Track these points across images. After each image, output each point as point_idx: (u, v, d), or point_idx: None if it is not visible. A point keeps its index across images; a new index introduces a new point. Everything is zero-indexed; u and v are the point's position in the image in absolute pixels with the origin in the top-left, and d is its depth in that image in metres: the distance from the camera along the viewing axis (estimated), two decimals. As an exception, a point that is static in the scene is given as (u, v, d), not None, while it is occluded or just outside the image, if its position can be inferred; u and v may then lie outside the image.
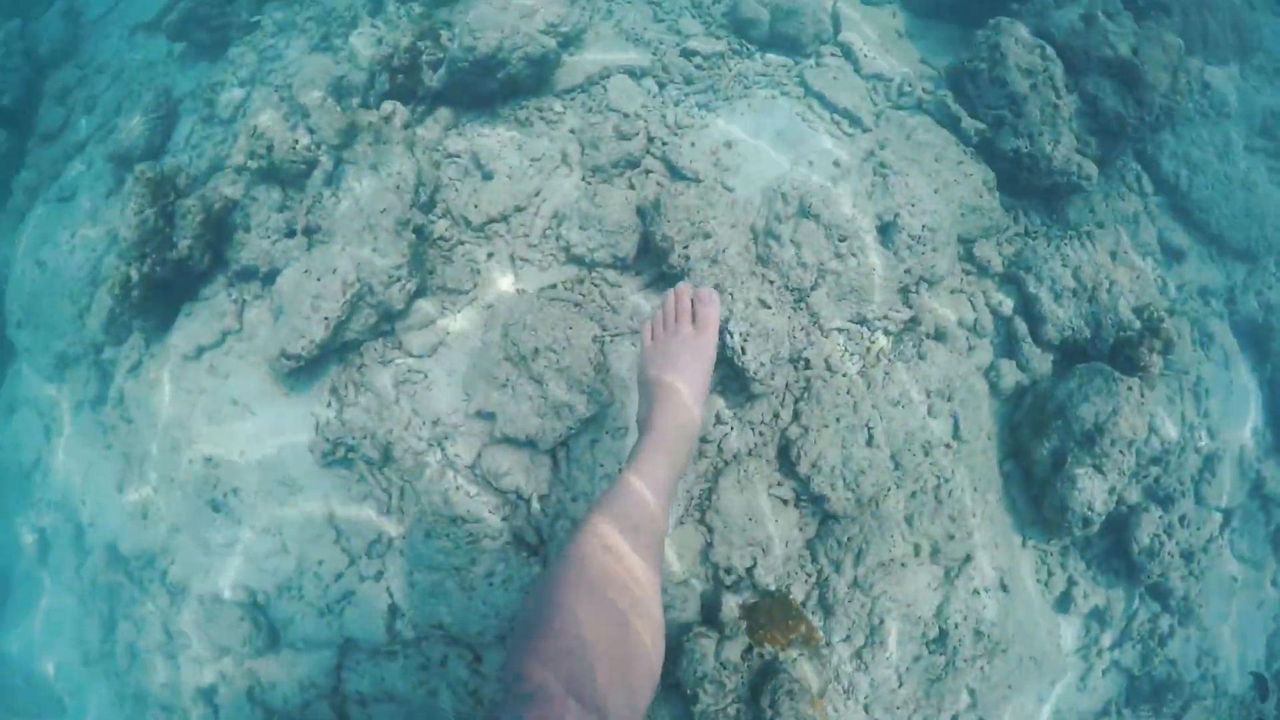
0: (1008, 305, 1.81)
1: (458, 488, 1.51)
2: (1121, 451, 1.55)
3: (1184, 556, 1.65)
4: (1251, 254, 2.13)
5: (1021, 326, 1.77)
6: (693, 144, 1.78)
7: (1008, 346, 1.79)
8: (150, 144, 1.97)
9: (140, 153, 1.96)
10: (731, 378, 1.56)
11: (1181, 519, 1.67)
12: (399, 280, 1.59)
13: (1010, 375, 1.74)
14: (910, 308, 1.71)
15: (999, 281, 1.83)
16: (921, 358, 1.65)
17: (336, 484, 1.63)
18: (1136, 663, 1.71)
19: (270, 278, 1.71)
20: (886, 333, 1.69)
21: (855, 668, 1.49)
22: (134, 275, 1.60)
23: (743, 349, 1.52)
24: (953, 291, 1.79)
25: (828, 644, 1.49)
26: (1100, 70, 1.82)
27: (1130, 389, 1.58)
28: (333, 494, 1.63)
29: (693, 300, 1.15)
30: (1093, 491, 1.53)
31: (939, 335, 1.70)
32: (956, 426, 1.63)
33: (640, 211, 1.68)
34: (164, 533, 1.68)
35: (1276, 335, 2.03)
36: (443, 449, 1.57)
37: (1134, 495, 1.69)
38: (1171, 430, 1.76)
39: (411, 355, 1.64)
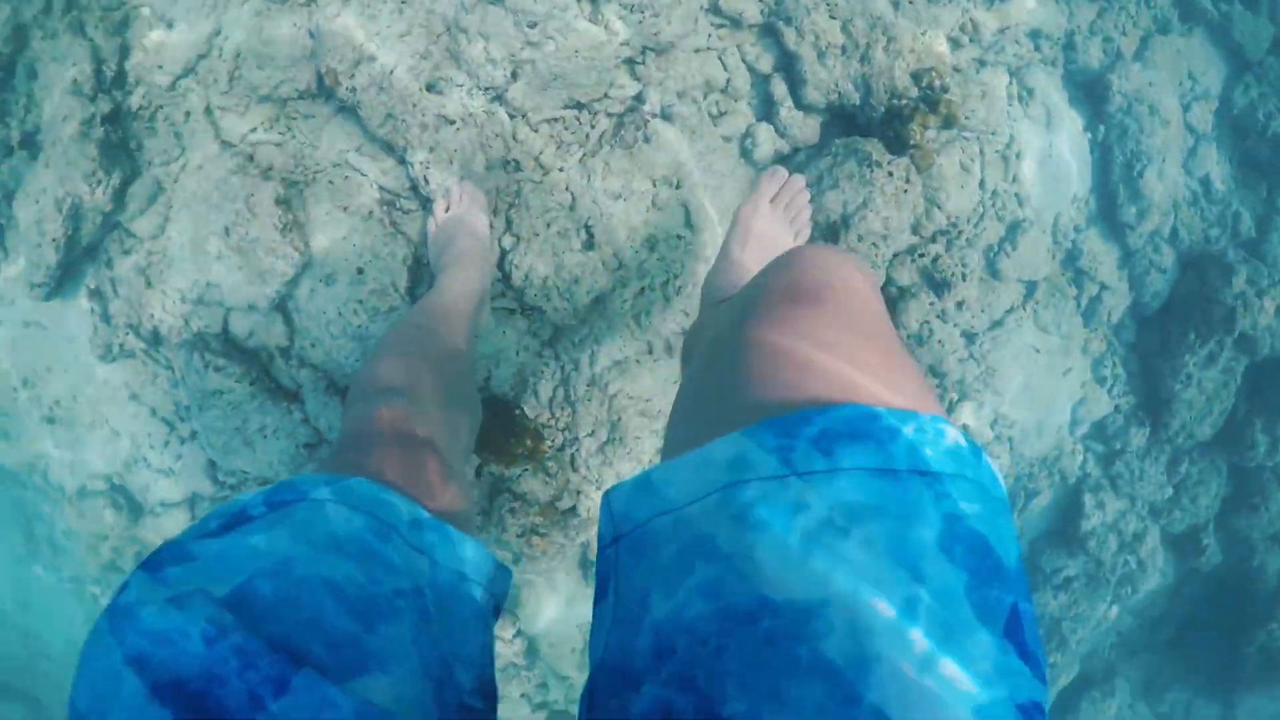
0: (767, 62, 1.56)
1: (206, 364, 1.58)
2: (874, 245, 1.39)
3: (965, 337, 1.51)
4: None
5: (781, 88, 1.53)
6: (367, -67, 1.54)
7: (766, 109, 1.57)
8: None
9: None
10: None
11: (959, 304, 1.51)
12: (100, 183, 1.56)
13: (768, 143, 1.55)
14: (638, 80, 1.52)
15: (758, 34, 1.57)
16: (647, 140, 1.50)
17: (130, 371, 1.75)
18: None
19: (10, 198, 1.72)
20: (609, 114, 1.52)
21: (601, 462, 1.55)
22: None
23: (425, 179, 1.42)
24: (697, 51, 1.55)
25: (575, 439, 1.54)
26: None
27: (890, 175, 1.37)
28: (131, 380, 1.76)
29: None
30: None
31: (666, 114, 1.51)
32: (688, 216, 1.51)
33: (313, 35, 1.51)
34: (25, 448, 1.89)
35: (1114, 95, 1.64)
36: (192, 323, 1.63)
37: (906, 277, 1.54)
38: (962, 203, 1.53)
39: (145, 239, 1.65)
